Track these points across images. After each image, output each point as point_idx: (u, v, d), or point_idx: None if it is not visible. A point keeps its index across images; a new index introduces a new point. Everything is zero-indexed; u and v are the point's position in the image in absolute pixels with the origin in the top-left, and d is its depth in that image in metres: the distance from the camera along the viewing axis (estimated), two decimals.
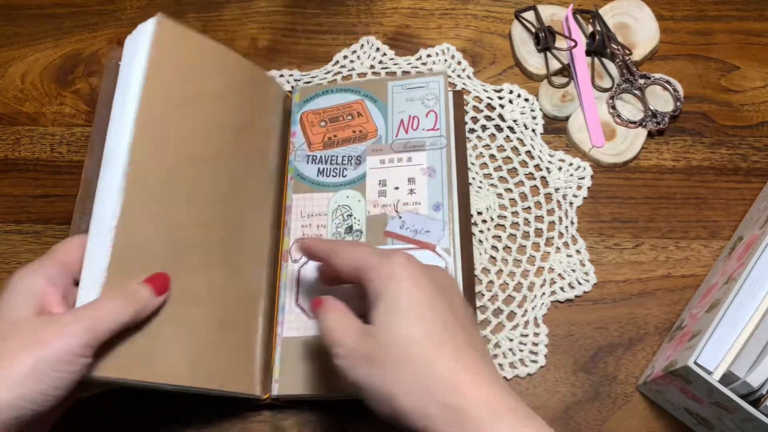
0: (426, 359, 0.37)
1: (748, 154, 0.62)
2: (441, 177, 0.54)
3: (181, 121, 0.49)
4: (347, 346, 0.40)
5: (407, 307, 0.39)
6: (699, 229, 0.59)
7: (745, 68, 0.65)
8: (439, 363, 0.37)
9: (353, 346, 0.39)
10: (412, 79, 0.58)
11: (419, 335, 0.38)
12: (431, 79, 0.58)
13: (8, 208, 0.60)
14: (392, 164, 0.55)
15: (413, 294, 0.39)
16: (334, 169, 0.56)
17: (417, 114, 0.57)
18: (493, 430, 0.35)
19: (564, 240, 0.59)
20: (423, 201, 0.54)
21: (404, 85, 0.58)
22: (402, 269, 0.40)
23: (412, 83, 0.58)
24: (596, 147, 0.61)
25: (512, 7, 0.67)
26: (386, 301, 0.39)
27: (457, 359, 0.37)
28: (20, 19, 0.68)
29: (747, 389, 0.43)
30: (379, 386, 0.38)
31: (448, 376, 0.37)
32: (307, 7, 0.68)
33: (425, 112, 0.56)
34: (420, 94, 0.57)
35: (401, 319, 0.38)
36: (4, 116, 0.64)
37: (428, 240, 0.52)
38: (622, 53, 0.64)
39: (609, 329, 0.56)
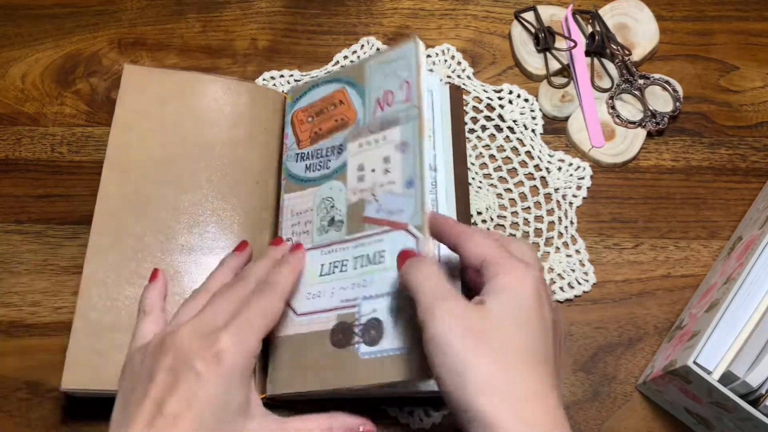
0: (523, 362, 0.38)
1: (748, 155, 0.62)
2: (413, 151, 0.49)
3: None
4: (450, 302, 0.39)
5: (525, 317, 0.39)
6: (698, 229, 0.59)
7: (744, 68, 0.65)
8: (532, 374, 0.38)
9: (457, 306, 0.39)
10: (387, 53, 0.54)
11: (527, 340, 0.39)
12: (405, 48, 0.52)
13: (9, 208, 0.60)
14: (369, 146, 0.52)
15: (534, 313, 0.39)
16: (320, 162, 0.54)
17: (392, 88, 0.52)
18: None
19: (563, 240, 0.59)
20: (397, 180, 0.50)
21: (380, 60, 0.54)
22: (533, 281, 0.40)
23: (387, 57, 0.54)
24: (596, 147, 0.61)
25: (512, 7, 0.67)
26: (508, 297, 0.39)
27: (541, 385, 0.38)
28: (21, 19, 0.68)
29: (746, 389, 0.44)
30: (464, 359, 0.37)
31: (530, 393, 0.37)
32: (307, 8, 0.68)
33: (399, 84, 0.52)
34: (394, 67, 0.53)
35: (515, 319, 0.39)
36: (4, 116, 0.64)
37: (401, 220, 0.49)
38: (622, 53, 0.64)
39: (608, 329, 0.56)
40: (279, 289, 0.47)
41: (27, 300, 0.57)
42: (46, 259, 0.58)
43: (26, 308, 0.56)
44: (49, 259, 0.58)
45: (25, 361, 0.55)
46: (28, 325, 0.56)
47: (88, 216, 0.52)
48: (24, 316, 0.56)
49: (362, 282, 0.49)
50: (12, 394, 0.54)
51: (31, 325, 0.56)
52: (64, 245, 0.58)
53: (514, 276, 0.40)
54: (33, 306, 0.57)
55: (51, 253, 0.58)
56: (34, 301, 0.57)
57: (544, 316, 0.40)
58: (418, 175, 0.48)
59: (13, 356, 0.55)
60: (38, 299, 0.57)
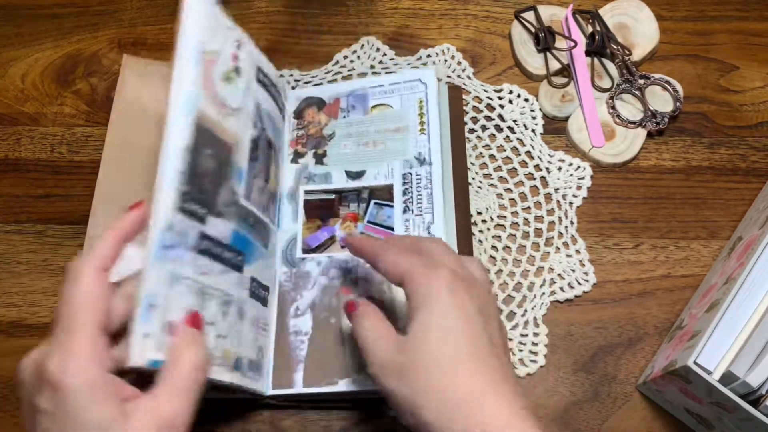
0: (454, 376, 0.38)
1: (748, 155, 0.62)
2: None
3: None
4: (381, 357, 0.41)
5: (442, 325, 0.39)
6: (698, 229, 0.59)
7: (744, 68, 0.65)
8: (468, 381, 0.38)
9: (386, 358, 0.41)
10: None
11: (450, 353, 0.39)
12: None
13: (9, 208, 0.60)
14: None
15: (451, 313, 0.40)
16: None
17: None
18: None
19: (564, 240, 0.59)
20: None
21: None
22: (444, 286, 0.40)
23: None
24: (596, 147, 0.61)
25: (512, 7, 0.67)
26: (424, 315, 0.40)
27: (486, 383, 0.38)
28: (21, 19, 0.68)
29: (746, 389, 0.43)
30: (407, 397, 0.39)
31: (476, 397, 0.38)
32: (307, 8, 0.68)
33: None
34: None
35: (434, 336, 0.39)
36: (4, 116, 0.64)
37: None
38: (622, 53, 0.64)
39: (608, 329, 0.56)
40: (88, 264, 0.39)
41: (27, 300, 0.57)
42: (46, 259, 0.58)
43: (26, 308, 0.56)
44: (49, 259, 0.58)
45: None
46: (28, 325, 0.56)
47: (88, 216, 0.52)
48: (24, 316, 0.56)
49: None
50: (12, 394, 0.54)
51: (31, 325, 0.56)
52: (63, 245, 0.58)
53: (427, 285, 0.40)
54: (33, 306, 0.57)
55: (51, 253, 0.58)
56: (34, 301, 0.57)
57: (465, 312, 0.40)
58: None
59: (13, 356, 0.55)
60: (38, 299, 0.57)
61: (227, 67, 0.49)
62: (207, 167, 0.45)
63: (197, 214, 0.44)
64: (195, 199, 0.43)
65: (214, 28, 0.48)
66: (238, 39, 0.51)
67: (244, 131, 0.50)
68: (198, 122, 0.44)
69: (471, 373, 0.38)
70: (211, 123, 0.46)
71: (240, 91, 0.50)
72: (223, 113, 0.48)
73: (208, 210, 0.45)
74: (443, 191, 0.53)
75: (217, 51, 0.48)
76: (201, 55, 0.46)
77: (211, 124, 0.46)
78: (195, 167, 0.44)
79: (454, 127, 0.58)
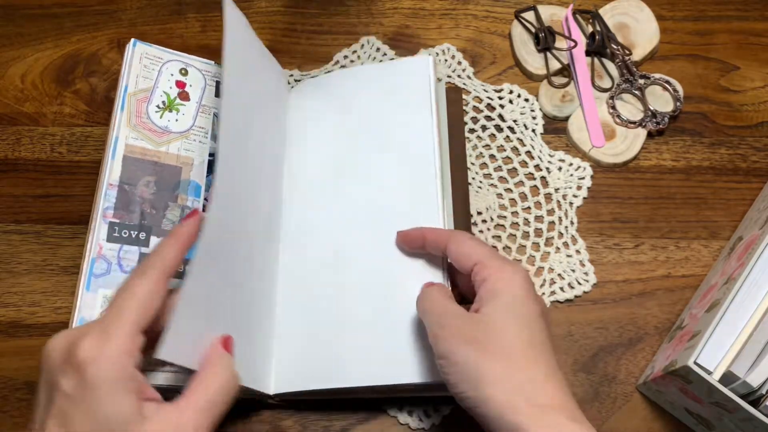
0: (526, 358, 0.41)
1: (748, 154, 0.62)
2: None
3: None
4: (450, 323, 0.43)
5: (521, 312, 0.42)
6: (699, 229, 0.59)
7: (745, 68, 0.65)
8: (536, 366, 0.41)
9: (456, 324, 0.43)
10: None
11: (526, 336, 0.42)
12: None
13: (8, 208, 0.60)
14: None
15: (529, 306, 0.43)
16: None
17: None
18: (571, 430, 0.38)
19: (564, 240, 0.59)
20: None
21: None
22: (523, 281, 0.43)
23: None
24: (596, 147, 0.61)
25: (512, 7, 0.67)
26: (503, 299, 0.43)
27: (549, 369, 0.41)
28: (20, 19, 0.68)
29: (747, 389, 0.43)
30: (473, 366, 0.41)
31: (541, 379, 0.40)
32: (307, 8, 0.68)
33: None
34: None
35: (514, 318, 0.42)
36: (4, 116, 0.64)
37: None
38: (622, 53, 0.64)
39: (609, 329, 0.56)
40: (155, 267, 0.41)
41: (26, 300, 0.57)
42: (46, 259, 0.58)
43: (26, 308, 0.56)
44: (49, 259, 0.58)
45: (24, 361, 0.55)
46: (28, 325, 0.56)
47: (88, 216, 0.52)
48: (23, 316, 0.56)
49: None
50: (12, 394, 0.54)
51: (30, 325, 0.56)
52: (63, 245, 0.58)
53: (504, 278, 0.43)
54: (32, 306, 0.57)
55: (50, 254, 0.58)
56: (33, 301, 0.57)
57: (536, 309, 0.43)
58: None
59: (13, 356, 0.55)
60: (38, 299, 0.57)
61: (165, 98, 0.56)
62: (146, 194, 0.53)
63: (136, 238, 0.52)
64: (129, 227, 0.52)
65: (148, 66, 0.57)
66: (184, 65, 0.58)
67: (199, 149, 0.56)
68: (126, 159, 0.53)
69: (537, 361, 0.41)
70: (143, 154, 0.54)
71: (188, 116, 0.57)
72: (163, 140, 0.54)
73: (149, 232, 0.52)
74: (443, 191, 0.53)
75: (149, 88, 0.56)
76: (128, 97, 0.55)
77: (144, 155, 0.54)
78: (127, 198, 0.52)
79: (453, 130, 0.58)
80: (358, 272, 0.52)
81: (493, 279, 0.43)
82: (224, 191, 0.46)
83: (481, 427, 0.41)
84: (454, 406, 0.53)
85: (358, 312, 0.51)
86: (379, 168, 0.55)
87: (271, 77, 0.59)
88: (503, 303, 0.42)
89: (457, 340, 0.42)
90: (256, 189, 0.54)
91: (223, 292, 0.46)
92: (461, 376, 0.41)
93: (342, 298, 0.52)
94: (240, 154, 0.50)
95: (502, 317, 0.42)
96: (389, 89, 0.57)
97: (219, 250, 0.45)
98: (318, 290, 0.53)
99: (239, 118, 0.50)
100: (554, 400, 0.40)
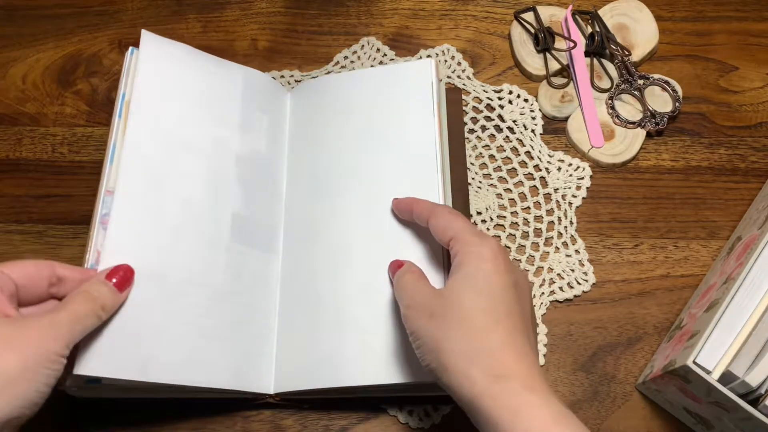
0: (481, 327, 0.41)
1: (747, 155, 0.62)
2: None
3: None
4: (417, 300, 0.44)
5: (482, 283, 0.43)
6: (698, 229, 0.59)
7: (743, 69, 0.65)
8: (492, 335, 0.41)
9: (421, 302, 0.44)
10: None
11: (484, 306, 0.42)
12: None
13: (9, 208, 0.60)
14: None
15: (492, 277, 0.43)
16: None
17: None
18: (524, 400, 0.38)
19: (563, 240, 0.59)
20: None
21: None
22: (490, 253, 0.43)
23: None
24: (595, 147, 0.61)
25: (512, 7, 0.67)
26: (465, 271, 0.43)
27: (508, 338, 0.41)
28: (21, 19, 0.68)
29: (746, 388, 0.44)
30: (432, 337, 0.42)
31: (497, 348, 0.40)
32: (307, 8, 0.68)
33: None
34: None
35: (472, 289, 0.42)
36: (5, 116, 0.64)
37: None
38: (621, 54, 0.64)
39: (608, 329, 0.56)
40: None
41: None
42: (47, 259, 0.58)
43: None
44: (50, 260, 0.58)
45: None
46: None
47: (89, 216, 0.52)
48: None
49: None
50: None
51: None
52: (64, 245, 0.58)
53: (470, 251, 0.44)
54: None
55: (52, 253, 0.58)
56: None
57: (504, 280, 0.43)
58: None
59: None
60: None
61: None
62: None
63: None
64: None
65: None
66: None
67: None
68: None
69: (496, 330, 0.41)
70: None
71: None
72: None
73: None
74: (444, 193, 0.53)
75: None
76: (125, 105, 0.53)
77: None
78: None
79: (452, 130, 0.58)
80: (358, 272, 0.52)
81: (462, 253, 0.44)
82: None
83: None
84: (454, 406, 0.53)
85: (357, 312, 0.51)
86: (379, 169, 0.55)
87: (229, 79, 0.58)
88: (463, 274, 0.43)
89: (421, 316, 0.43)
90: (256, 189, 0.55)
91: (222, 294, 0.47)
92: (426, 348, 0.42)
93: (342, 298, 0.52)
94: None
95: (459, 288, 0.43)
96: (391, 91, 0.57)
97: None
98: (318, 290, 0.53)
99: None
100: (510, 370, 0.39)
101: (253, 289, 0.53)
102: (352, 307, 0.51)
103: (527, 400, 0.38)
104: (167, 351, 0.47)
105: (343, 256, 0.53)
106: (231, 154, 0.55)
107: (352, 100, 0.58)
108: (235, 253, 0.53)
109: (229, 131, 0.56)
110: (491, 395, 0.38)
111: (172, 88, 0.54)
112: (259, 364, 0.51)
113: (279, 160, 0.58)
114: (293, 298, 0.53)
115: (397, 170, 0.55)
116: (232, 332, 0.50)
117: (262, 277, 0.54)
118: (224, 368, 0.49)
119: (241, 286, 0.52)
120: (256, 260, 0.54)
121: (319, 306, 0.52)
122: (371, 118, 0.57)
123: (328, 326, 0.51)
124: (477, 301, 0.42)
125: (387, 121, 0.56)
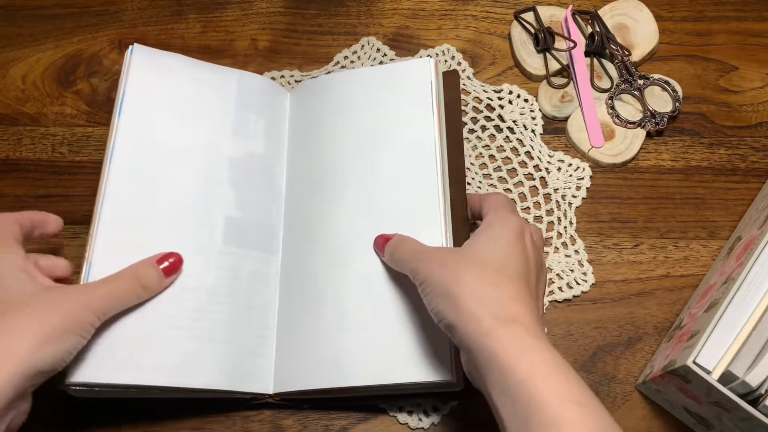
0: (495, 278, 0.43)
1: (747, 155, 0.62)
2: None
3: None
4: (426, 255, 0.46)
5: (503, 243, 0.45)
6: (698, 229, 0.59)
7: (743, 69, 0.65)
8: (503, 288, 0.42)
9: (432, 254, 0.46)
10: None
11: (502, 261, 0.44)
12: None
13: (10, 208, 0.60)
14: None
15: (514, 242, 0.45)
16: None
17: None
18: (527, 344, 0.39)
19: (563, 240, 0.59)
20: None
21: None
22: (518, 227, 0.46)
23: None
24: (595, 147, 0.61)
25: (512, 8, 0.67)
26: (491, 231, 0.46)
27: (519, 294, 0.42)
28: (21, 19, 0.68)
29: (746, 388, 0.44)
30: (443, 281, 0.43)
31: (506, 299, 0.42)
32: (307, 8, 0.68)
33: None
34: None
35: (494, 245, 0.45)
36: (5, 116, 0.64)
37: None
38: (621, 54, 0.64)
39: (608, 329, 0.56)
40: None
41: None
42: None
43: None
44: None
45: None
46: None
47: (89, 216, 0.52)
48: None
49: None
50: None
51: None
52: (64, 245, 0.58)
53: (503, 216, 0.47)
54: None
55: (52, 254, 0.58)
56: None
57: (524, 247, 0.45)
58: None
59: None
60: None
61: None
62: None
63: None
64: None
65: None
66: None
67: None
68: None
69: (510, 284, 0.42)
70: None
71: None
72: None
73: None
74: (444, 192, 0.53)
75: None
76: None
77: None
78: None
79: (449, 114, 0.56)
80: (358, 272, 0.52)
81: (493, 217, 0.47)
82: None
83: (478, 425, 0.41)
84: (453, 406, 0.53)
85: (358, 312, 0.51)
86: (379, 168, 0.55)
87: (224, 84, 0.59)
88: (489, 233, 0.46)
89: (433, 265, 0.44)
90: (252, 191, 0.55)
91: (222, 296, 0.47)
92: (435, 292, 0.43)
93: (342, 298, 0.52)
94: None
95: (481, 242, 0.45)
96: (391, 90, 0.57)
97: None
98: (318, 290, 0.53)
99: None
100: (517, 317, 0.41)
101: (251, 289, 0.53)
102: (351, 306, 0.51)
103: (530, 345, 0.39)
104: (161, 354, 0.48)
105: (342, 256, 0.53)
106: (224, 158, 0.55)
107: (351, 100, 0.58)
108: (230, 255, 0.53)
109: (223, 136, 0.56)
110: (497, 335, 0.40)
111: (162, 99, 0.55)
112: (258, 364, 0.51)
113: (278, 160, 0.58)
114: (293, 298, 0.53)
115: (396, 169, 0.55)
116: (228, 333, 0.51)
117: (261, 278, 0.54)
118: (220, 369, 0.49)
119: (238, 287, 0.52)
120: (253, 261, 0.54)
121: (319, 305, 0.52)
122: (371, 117, 0.57)
123: (328, 326, 0.51)
124: (496, 255, 0.44)
125: (386, 119, 0.56)
